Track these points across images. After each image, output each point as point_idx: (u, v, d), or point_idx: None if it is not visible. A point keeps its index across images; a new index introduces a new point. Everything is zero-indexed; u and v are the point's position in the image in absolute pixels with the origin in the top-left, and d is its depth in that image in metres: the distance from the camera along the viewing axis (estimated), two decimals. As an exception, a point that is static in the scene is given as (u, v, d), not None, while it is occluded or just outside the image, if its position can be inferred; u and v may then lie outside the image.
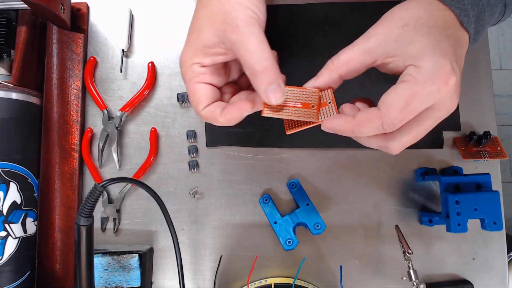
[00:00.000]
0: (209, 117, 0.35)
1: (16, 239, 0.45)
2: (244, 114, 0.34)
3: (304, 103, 0.34)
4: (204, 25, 0.34)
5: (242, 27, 0.32)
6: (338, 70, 0.33)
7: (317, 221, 0.48)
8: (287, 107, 0.34)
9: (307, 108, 0.34)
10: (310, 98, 0.34)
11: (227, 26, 0.32)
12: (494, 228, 0.42)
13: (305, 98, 0.34)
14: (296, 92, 0.34)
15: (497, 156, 0.50)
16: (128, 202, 0.52)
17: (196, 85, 0.35)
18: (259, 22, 0.33)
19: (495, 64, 1.58)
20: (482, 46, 0.53)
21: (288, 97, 0.34)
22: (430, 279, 0.49)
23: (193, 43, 0.35)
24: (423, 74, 0.30)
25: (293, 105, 0.34)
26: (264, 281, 0.48)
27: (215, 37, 0.33)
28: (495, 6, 0.36)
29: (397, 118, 0.31)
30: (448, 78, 0.30)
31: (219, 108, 0.35)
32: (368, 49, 0.32)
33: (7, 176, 0.45)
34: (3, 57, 0.49)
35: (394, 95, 0.31)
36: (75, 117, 0.51)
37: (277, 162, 0.52)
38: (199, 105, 0.35)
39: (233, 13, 0.32)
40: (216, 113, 0.35)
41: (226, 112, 0.34)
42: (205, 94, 0.36)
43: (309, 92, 0.34)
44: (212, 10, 0.34)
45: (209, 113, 0.35)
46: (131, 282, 0.46)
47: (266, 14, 0.35)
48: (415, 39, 0.31)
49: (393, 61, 0.31)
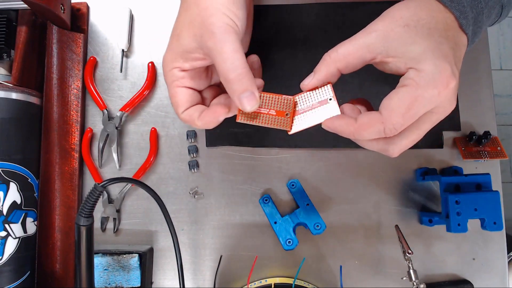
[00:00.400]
0: (188, 120, 0.36)
1: (16, 239, 0.45)
2: (220, 118, 0.35)
3: (278, 111, 0.35)
4: (183, 30, 0.34)
5: (217, 34, 0.32)
6: (336, 64, 0.33)
7: (317, 221, 0.48)
8: (261, 114, 0.35)
9: (281, 116, 0.35)
10: (284, 106, 0.35)
11: (204, 32, 0.33)
12: (494, 228, 0.42)
13: (280, 106, 0.35)
14: (271, 99, 0.35)
15: (497, 156, 0.50)
16: (128, 202, 0.52)
17: (176, 89, 0.36)
18: (235, 30, 0.33)
19: (495, 64, 1.58)
20: (482, 46, 0.53)
21: (263, 103, 0.34)
22: (430, 279, 0.49)
23: (173, 47, 0.35)
24: (425, 78, 0.30)
25: (267, 112, 0.35)
26: (264, 281, 0.48)
27: (193, 42, 0.34)
28: (492, 8, 0.36)
29: (399, 123, 0.31)
30: (448, 81, 0.30)
31: (197, 112, 0.36)
32: (367, 44, 0.32)
33: (7, 176, 0.45)
34: (3, 57, 0.49)
35: (396, 100, 0.31)
36: (75, 117, 0.51)
37: (277, 162, 0.52)
38: (179, 109, 0.36)
39: (210, 19, 0.33)
40: (194, 116, 0.36)
41: (203, 116, 0.35)
42: (185, 98, 0.36)
43: (284, 99, 0.35)
44: (191, 15, 0.34)
45: (188, 116, 0.36)
46: (131, 282, 0.46)
47: (245, 21, 0.35)
48: (416, 41, 0.31)
49: (393, 61, 0.31)
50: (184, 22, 0.35)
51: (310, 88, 0.35)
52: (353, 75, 0.50)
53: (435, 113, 0.32)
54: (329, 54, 0.33)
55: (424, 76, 0.30)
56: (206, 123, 0.35)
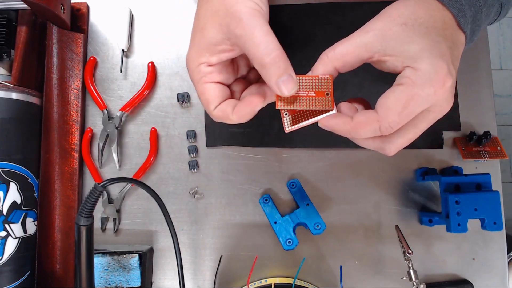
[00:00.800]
0: (221, 116, 0.35)
1: (16, 239, 0.45)
2: (257, 109, 0.33)
3: (318, 92, 0.33)
4: (207, 22, 0.33)
5: (245, 20, 0.31)
6: (333, 63, 0.33)
7: (317, 221, 0.48)
8: (300, 97, 0.33)
9: (321, 96, 0.33)
10: (323, 85, 0.33)
11: (231, 20, 0.32)
12: (494, 228, 0.42)
13: (318, 86, 0.33)
14: (308, 81, 0.33)
15: (497, 156, 0.50)
16: (128, 202, 0.52)
17: (205, 85, 0.35)
18: (262, 14, 0.32)
19: (495, 64, 1.58)
20: (482, 46, 0.53)
21: (300, 87, 0.33)
22: (430, 279, 0.49)
23: (198, 43, 0.34)
24: (421, 77, 0.30)
25: (307, 95, 0.33)
26: (264, 281, 0.48)
27: (220, 34, 0.33)
28: (491, 6, 0.36)
29: (395, 121, 0.31)
30: (445, 80, 0.30)
31: (230, 106, 0.34)
32: (365, 43, 0.32)
33: (7, 176, 0.45)
34: (3, 57, 0.49)
35: (392, 98, 0.31)
36: (75, 117, 0.51)
37: (277, 162, 0.52)
38: (210, 105, 0.35)
39: (235, 6, 0.32)
40: (227, 111, 0.34)
41: (238, 109, 0.34)
42: (215, 93, 0.35)
43: (322, 79, 0.33)
44: (214, 6, 0.33)
45: (221, 112, 0.34)
46: (131, 282, 0.46)
47: (268, 5, 0.34)
48: (413, 40, 0.31)
49: (390, 60, 0.31)
50: (206, 14, 0.34)
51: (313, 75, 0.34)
52: (352, 74, 0.50)
53: (432, 111, 0.32)
54: (326, 53, 0.33)
55: (421, 75, 0.30)
56: (241, 116, 0.34)
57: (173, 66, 0.53)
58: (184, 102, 0.52)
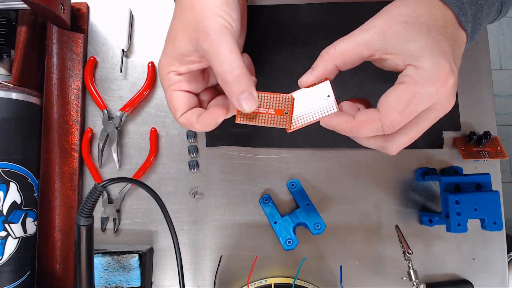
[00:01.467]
0: (186, 123, 0.36)
1: (16, 239, 0.45)
2: (219, 120, 0.35)
3: (277, 110, 0.34)
4: (178, 33, 0.34)
5: (213, 36, 0.32)
6: (334, 61, 0.33)
7: (317, 221, 0.48)
8: (260, 114, 0.34)
9: (280, 114, 0.34)
10: (283, 104, 0.34)
11: (200, 34, 0.33)
12: (494, 228, 0.42)
13: (278, 105, 0.34)
14: (269, 98, 0.34)
15: (497, 156, 0.50)
16: (128, 202, 0.52)
17: (173, 93, 0.36)
18: (231, 31, 0.33)
19: (495, 64, 1.58)
20: (482, 46, 0.53)
21: (262, 103, 0.34)
22: (430, 279, 0.49)
23: (169, 51, 0.35)
24: (423, 75, 0.30)
25: (266, 112, 0.34)
26: (264, 281, 0.48)
27: (189, 45, 0.34)
28: (492, 4, 0.36)
29: (396, 120, 0.31)
30: (447, 79, 0.30)
31: (195, 115, 0.35)
32: (366, 41, 0.32)
33: (7, 176, 0.45)
34: (3, 57, 0.49)
35: (394, 97, 0.31)
36: (75, 117, 0.51)
37: (277, 162, 0.52)
38: (176, 113, 0.36)
39: (205, 21, 0.33)
40: (192, 120, 0.35)
41: (201, 119, 0.35)
42: (182, 101, 0.36)
43: (282, 98, 0.34)
44: (186, 18, 0.34)
45: (186, 120, 0.36)
46: (131, 282, 0.46)
47: (239, 22, 0.35)
48: (414, 38, 0.31)
49: (391, 58, 0.31)
50: (178, 25, 0.35)
51: (308, 85, 0.34)
52: (353, 74, 0.51)
53: (434, 110, 0.32)
54: (326, 51, 0.33)
55: (422, 73, 0.30)
56: (204, 126, 0.35)
57: (173, 66, 0.53)
58: (184, 102, 0.52)
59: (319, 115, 0.34)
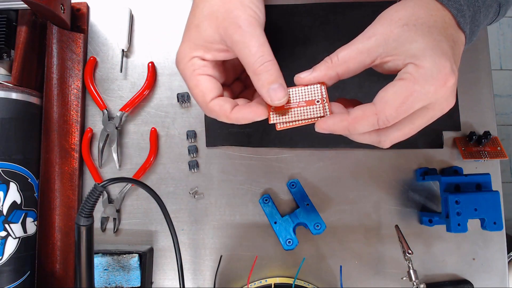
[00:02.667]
0: (218, 110, 0.33)
1: (16, 239, 0.45)
2: (259, 118, 0.33)
3: (308, 101, 0.33)
4: (204, 20, 0.33)
5: (244, 27, 0.32)
6: (336, 68, 0.33)
7: (317, 221, 0.48)
8: (291, 109, 0.33)
9: (312, 105, 0.33)
10: (312, 94, 0.33)
11: (229, 25, 0.32)
12: (494, 228, 0.42)
13: (308, 96, 0.33)
14: (298, 92, 0.34)
15: (497, 156, 0.50)
16: (128, 202, 0.52)
17: (199, 77, 0.34)
18: (260, 23, 0.33)
19: (495, 64, 1.58)
20: (482, 46, 0.53)
21: (291, 98, 0.33)
22: (430, 279, 0.49)
23: (193, 38, 0.34)
24: (423, 74, 0.30)
25: (297, 105, 0.33)
26: (264, 281, 0.48)
27: (216, 34, 0.33)
28: (490, 6, 0.36)
29: (392, 116, 0.30)
30: (447, 79, 0.30)
31: (229, 104, 0.33)
32: (367, 49, 0.32)
33: (7, 176, 0.45)
34: (3, 57, 0.49)
35: (392, 93, 0.30)
36: (75, 117, 0.51)
37: (277, 162, 0.52)
38: (206, 96, 0.33)
39: (235, 12, 0.32)
40: (225, 108, 0.33)
41: (239, 110, 0.33)
42: (210, 85, 0.34)
43: (310, 89, 0.34)
44: (212, 6, 0.33)
45: (218, 107, 0.33)
46: (131, 282, 0.46)
47: (264, 12, 0.35)
48: (415, 39, 0.31)
49: (392, 59, 0.31)
50: (203, 13, 0.34)
51: (305, 84, 0.34)
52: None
53: (431, 109, 0.32)
54: (330, 58, 0.33)
55: (423, 72, 0.30)
56: (239, 119, 0.33)
57: (173, 66, 0.53)
58: (184, 102, 0.52)
59: (312, 116, 0.33)
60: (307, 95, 0.34)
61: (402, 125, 0.32)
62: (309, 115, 0.33)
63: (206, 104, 0.34)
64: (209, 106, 0.33)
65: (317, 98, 0.33)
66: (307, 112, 0.33)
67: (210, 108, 0.33)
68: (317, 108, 0.33)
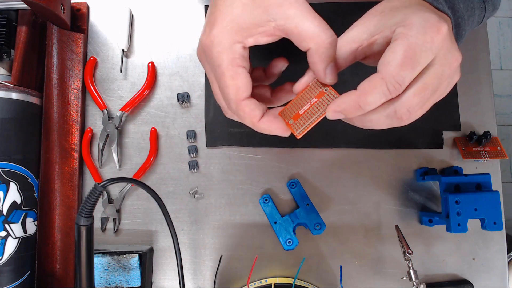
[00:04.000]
0: (247, 113, 0.31)
1: (16, 239, 0.45)
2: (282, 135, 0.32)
3: (317, 95, 0.33)
4: (237, 2, 0.30)
5: (300, 1, 0.29)
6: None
7: (317, 221, 0.48)
8: (307, 112, 0.33)
9: (322, 96, 0.32)
10: (317, 88, 0.33)
11: (283, 1, 0.29)
12: (494, 228, 0.42)
13: (315, 92, 0.33)
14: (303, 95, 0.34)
15: (497, 156, 0.50)
16: (128, 202, 0.52)
17: (238, 69, 0.30)
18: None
19: (495, 64, 1.58)
20: (482, 46, 0.53)
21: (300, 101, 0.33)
22: (430, 279, 0.49)
23: (231, 20, 0.30)
24: (413, 28, 0.29)
25: (311, 105, 0.32)
26: (264, 281, 0.48)
27: (264, 14, 0.29)
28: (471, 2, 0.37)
29: (399, 75, 0.29)
30: (438, 27, 0.29)
31: (260, 110, 0.31)
32: (351, 37, 0.33)
33: (7, 176, 0.45)
34: (3, 57, 0.49)
35: (390, 52, 0.29)
36: (75, 117, 0.51)
37: (277, 162, 0.52)
38: (241, 93, 0.30)
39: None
40: (256, 114, 0.31)
41: (270, 123, 0.32)
42: (247, 82, 0.31)
43: (313, 85, 0.33)
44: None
45: (249, 110, 0.31)
46: (131, 282, 0.46)
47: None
48: (395, 14, 0.31)
49: (378, 37, 0.32)
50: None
51: (303, 88, 0.34)
52: (353, 74, 0.50)
53: (438, 64, 0.30)
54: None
55: (413, 27, 0.29)
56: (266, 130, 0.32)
57: (173, 66, 0.53)
58: (184, 102, 0.52)
59: (323, 108, 0.32)
60: (314, 92, 0.33)
61: (415, 88, 0.30)
62: (323, 107, 0.32)
63: (238, 102, 0.31)
64: (241, 105, 0.31)
65: (324, 88, 0.33)
66: (320, 105, 0.32)
67: (240, 108, 0.31)
68: (327, 96, 0.32)
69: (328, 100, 0.32)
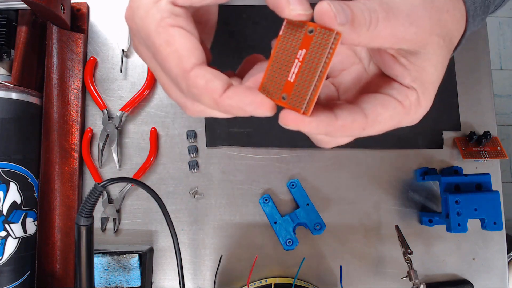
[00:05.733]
0: (203, 86, 0.22)
1: (16, 239, 0.45)
2: (260, 110, 0.23)
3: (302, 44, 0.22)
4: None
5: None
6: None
7: (317, 221, 0.48)
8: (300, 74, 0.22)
9: (310, 41, 0.22)
10: (294, 34, 0.23)
11: None
12: (494, 228, 0.42)
13: (293, 40, 0.23)
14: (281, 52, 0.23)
15: (497, 156, 0.50)
16: (128, 202, 0.52)
17: (171, 30, 0.22)
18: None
19: (495, 64, 1.58)
20: (482, 46, 0.53)
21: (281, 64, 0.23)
22: (430, 279, 0.49)
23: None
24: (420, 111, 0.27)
25: (300, 62, 0.22)
26: (264, 281, 0.48)
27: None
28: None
29: (375, 133, 0.26)
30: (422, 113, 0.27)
31: (220, 80, 0.22)
32: None
33: (7, 176, 0.45)
34: (3, 57, 0.49)
35: (388, 116, 0.26)
36: (75, 117, 0.51)
37: (277, 162, 0.52)
38: (185, 60, 0.22)
39: None
40: (215, 85, 0.22)
41: (237, 92, 0.22)
42: (189, 44, 0.22)
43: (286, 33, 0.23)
44: None
45: (204, 81, 0.22)
46: (131, 282, 0.46)
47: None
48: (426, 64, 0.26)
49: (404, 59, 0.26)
50: None
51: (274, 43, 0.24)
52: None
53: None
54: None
55: (420, 110, 0.27)
56: (235, 107, 0.22)
57: (173, 66, 0.53)
58: (184, 102, 0.52)
59: (323, 58, 0.22)
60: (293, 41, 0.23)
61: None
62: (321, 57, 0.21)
63: (185, 75, 0.22)
64: (191, 78, 0.22)
65: (308, 29, 0.22)
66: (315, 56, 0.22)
67: (191, 83, 0.22)
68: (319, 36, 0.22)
69: (324, 42, 0.21)
